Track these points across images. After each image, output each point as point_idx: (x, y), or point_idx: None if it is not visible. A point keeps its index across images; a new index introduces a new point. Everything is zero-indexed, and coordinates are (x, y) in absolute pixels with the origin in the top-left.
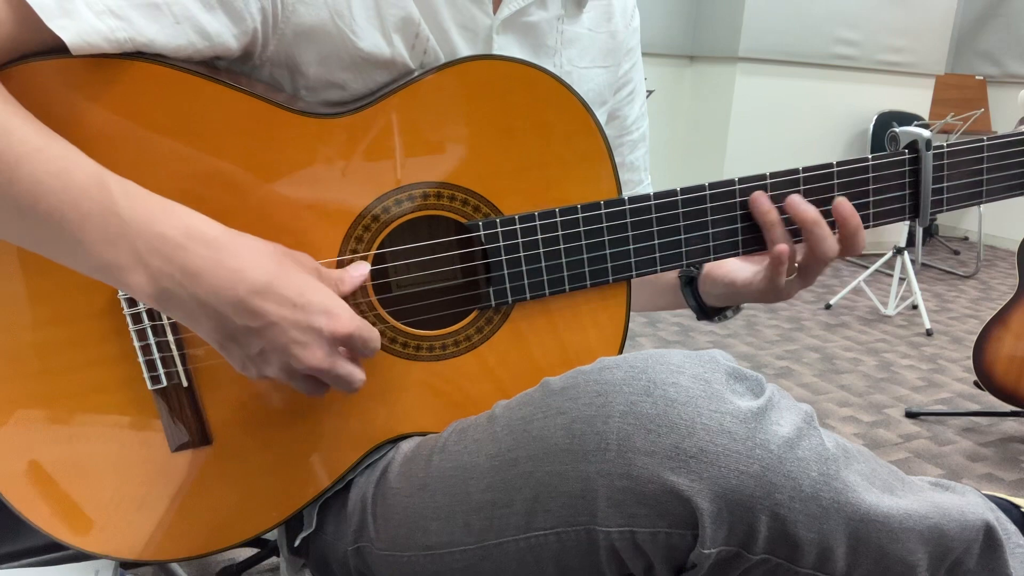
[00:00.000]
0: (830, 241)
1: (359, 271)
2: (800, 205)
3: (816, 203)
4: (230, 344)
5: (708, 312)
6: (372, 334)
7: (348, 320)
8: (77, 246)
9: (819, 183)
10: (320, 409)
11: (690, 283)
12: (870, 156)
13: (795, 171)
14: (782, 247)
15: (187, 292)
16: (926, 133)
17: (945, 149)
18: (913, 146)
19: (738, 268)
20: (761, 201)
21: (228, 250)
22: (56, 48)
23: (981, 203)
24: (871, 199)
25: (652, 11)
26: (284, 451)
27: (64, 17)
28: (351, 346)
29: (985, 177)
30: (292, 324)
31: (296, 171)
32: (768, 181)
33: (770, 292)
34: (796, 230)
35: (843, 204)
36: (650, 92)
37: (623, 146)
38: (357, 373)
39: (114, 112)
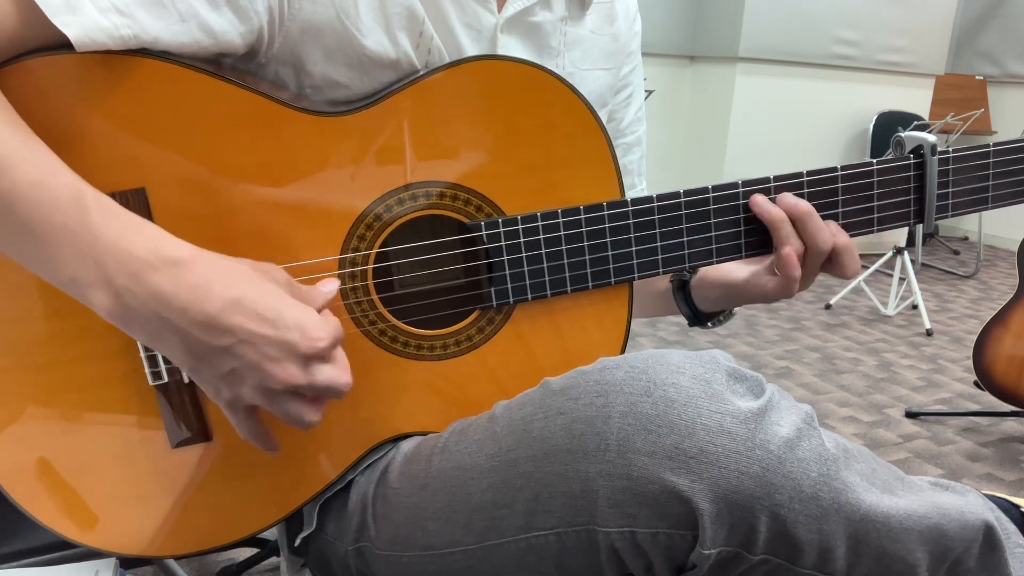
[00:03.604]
0: (825, 233)
1: (328, 287)
2: (789, 198)
3: (818, 207)
4: (200, 365)
5: (701, 318)
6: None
7: (324, 333)
8: (45, 258)
9: (823, 187)
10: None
11: (682, 287)
12: (874, 160)
13: (799, 175)
14: (788, 249)
15: (151, 311)
16: (932, 138)
17: (951, 154)
18: (918, 151)
19: (734, 268)
20: (761, 202)
21: (195, 269)
22: (60, 45)
23: (987, 209)
24: (875, 203)
25: (652, 11)
26: (284, 449)
27: (68, 13)
28: (329, 355)
29: (991, 183)
30: (263, 340)
31: (299, 169)
32: (772, 184)
33: (775, 292)
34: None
35: (835, 227)
36: (650, 92)
37: (616, 148)
38: (341, 376)
39: (118, 109)
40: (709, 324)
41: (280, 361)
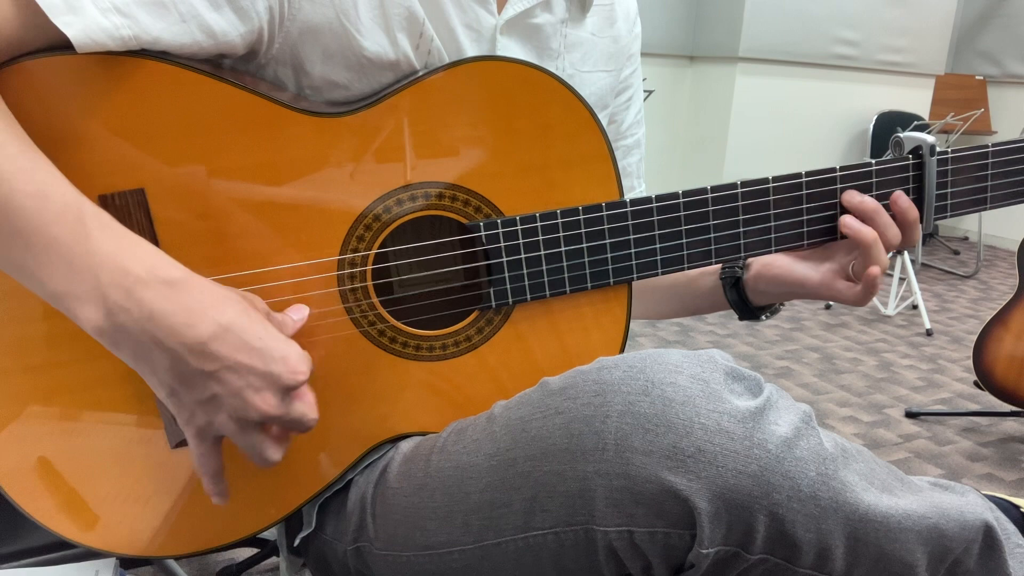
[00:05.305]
0: (893, 229)
1: (298, 315)
2: (856, 196)
3: (819, 208)
4: (181, 388)
5: (754, 311)
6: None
7: (305, 367)
8: (37, 269)
9: (821, 187)
10: (320, 407)
11: (735, 284)
12: (873, 161)
13: (798, 175)
14: (875, 269)
15: (142, 329)
16: (930, 139)
17: (950, 155)
18: (917, 151)
19: (803, 268)
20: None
21: (189, 291)
22: (61, 45)
23: (985, 209)
24: None
25: (652, 11)
26: None
27: (69, 14)
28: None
29: (990, 183)
30: (248, 369)
31: (298, 170)
32: (771, 185)
33: (850, 300)
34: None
35: (900, 197)
36: (650, 92)
37: (616, 151)
38: (310, 412)
39: (117, 110)
40: (763, 317)
41: (261, 391)
